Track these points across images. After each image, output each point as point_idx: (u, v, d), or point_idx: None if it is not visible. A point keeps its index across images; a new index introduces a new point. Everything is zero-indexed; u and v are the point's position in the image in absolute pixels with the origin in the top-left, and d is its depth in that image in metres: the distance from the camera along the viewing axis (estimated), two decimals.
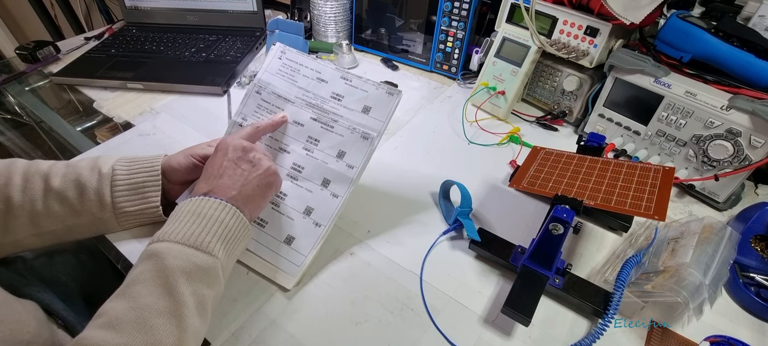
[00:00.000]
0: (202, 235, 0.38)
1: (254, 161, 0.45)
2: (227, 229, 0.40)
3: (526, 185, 0.55)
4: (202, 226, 0.39)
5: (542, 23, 0.70)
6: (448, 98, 0.82)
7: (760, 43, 0.56)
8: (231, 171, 0.44)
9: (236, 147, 0.45)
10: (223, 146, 0.46)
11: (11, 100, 0.82)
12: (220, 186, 0.43)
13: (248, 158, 0.45)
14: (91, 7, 1.66)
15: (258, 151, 0.47)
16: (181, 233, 0.38)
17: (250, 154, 0.46)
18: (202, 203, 0.40)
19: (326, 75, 0.51)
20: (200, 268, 0.37)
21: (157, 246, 0.37)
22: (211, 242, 0.38)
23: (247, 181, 0.44)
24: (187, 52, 0.87)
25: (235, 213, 0.42)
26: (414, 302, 0.46)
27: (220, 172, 0.44)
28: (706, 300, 0.41)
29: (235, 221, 0.41)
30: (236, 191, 0.43)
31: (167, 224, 0.39)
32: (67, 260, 0.54)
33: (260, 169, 0.45)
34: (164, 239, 0.37)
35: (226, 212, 0.41)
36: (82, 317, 0.47)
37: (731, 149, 0.54)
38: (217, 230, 0.39)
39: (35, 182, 0.45)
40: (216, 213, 0.40)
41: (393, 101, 0.49)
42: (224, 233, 0.40)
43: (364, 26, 0.95)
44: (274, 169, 0.47)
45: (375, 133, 0.48)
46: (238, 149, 0.45)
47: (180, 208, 0.40)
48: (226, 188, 0.43)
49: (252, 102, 0.53)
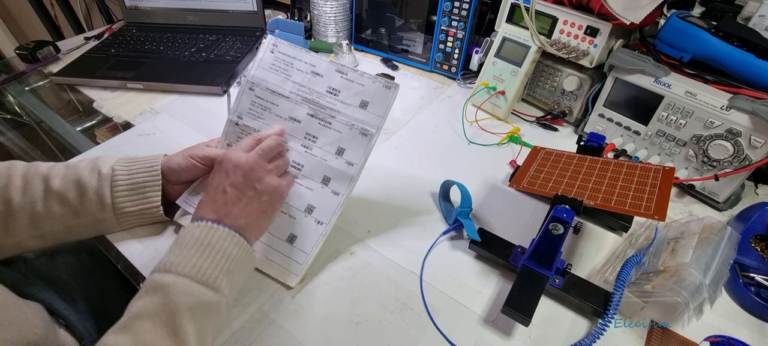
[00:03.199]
0: (210, 269, 0.37)
1: (259, 186, 0.44)
2: (234, 262, 0.40)
3: (526, 185, 0.55)
4: (210, 259, 0.38)
5: (542, 23, 0.70)
6: (448, 98, 0.82)
7: (760, 43, 0.56)
8: (235, 198, 0.42)
9: (238, 168, 0.44)
10: (225, 167, 0.44)
11: (11, 100, 0.82)
12: (228, 214, 0.42)
13: (252, 183, 0.43)
14: (91, 7, 1.66)
15: (260, 169, 0.45)
16: (188, 266, 0.37)
17: (254, 176, 0.44)
18: (210, 231, 0.39)
19: (321, 69, 0.50)
20: (206, 305, 0.36)
21: (164, 278, 0.36)
22: (218, 277, 0.38)
23: (252, 209, 0.43)
24: (187, 52, 0.87)
25: (243, 245, 0.41)
26: (414, 302, 0.46)
27: (225, 199, 0.42)
28: (706, 300, 0.41)
29: (241, 253, 0.41)
30: (243, 219, 0.42)
31: (173, 252, 0.38)
32: (68, 259, 0.54)
33: (265, 193, 0.44)
34: (171, 271, 0.36)
35: (233, 243, 0.40)
36: (83, 317, 0.47)
37: (731, 149, 0.54)
38: (224, 264, 0.39)
39: (35, 184, 0.45)
40: (224, 245, 0.39)
41: (391, 95, 0.48)
42: (231, 267, 0.39)
43: (364, 26, 0.95)
44: (281, 189, 0.46)
45: (374, 130, 0.48)
46: (240, 173, 0.43)
47: (186, 234, 0.39)
48: (234, 216, 0.42)
49: (246, 99, 0.52)
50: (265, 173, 0.45)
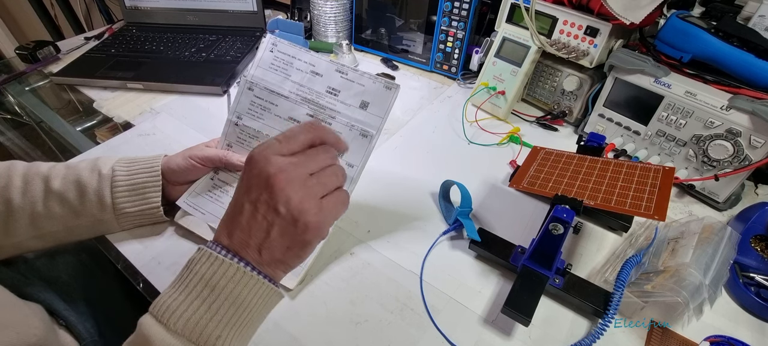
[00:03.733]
0: (211, 325, 0.31)
1: (285, 209, 0.31)
2: (246, 311, 0.32)
3: (526, 185, 0.55)
4: (215, 309, 0.31)
5: (542, 23, 0.70)
6: (448, 98, 0.82)
7: (760, 43, 0.56)
8: (256, 221, 0.32)
9: (261, 178, 0.31)
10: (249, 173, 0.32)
11: (11, 100, 0.82)
12: (245, 243, 0.32)
13: (276, 204, 0.31)
14: (91, 7, 1.66)
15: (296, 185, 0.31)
16: (185, 318, 0.30)
17: (284, 195, 0.31)
18: (219, 267, 0.31)
19: (321, 68, 0.50)
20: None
21: (152, 330, 0.30)
22: (221, 335, 0.31)
23: (269, 237, 0.32)
24: (187, 52, 0.87)
25: (260, 287, 0.32)
26: (414, 302, 0.46)
27: (244, 220, 0.32)
28: (706, 300, 0.41)
29: (257, 298, 0.33)
30: (257, 250, 0.32)
31: (173, 288, 0.32)
32: (68, 260, 0.54)
33: (293, 221, 0.31)
34: (163, 321, 0.30)
35: (248, 286, 0.32)
36: (83, 318, 0.48)
37: (731, 149, 0.54)
38: (232, 315, 0.31)
39: (35, 184, 0.45)
40: (235, 289, 0.31)
41: (391, 96, 0.47)
42: (241, 317, 0.32)
43: (364, 26, 0.95)
44: (320, 220, 0.32)
45: (374, 131, 0.47)
46: (263, 187, 0.31)
47: (194, 264, 0.32)
48: (253, 246, 0.32)
49: (245, 99, 0.51)
50: (301, 189, 0.31)
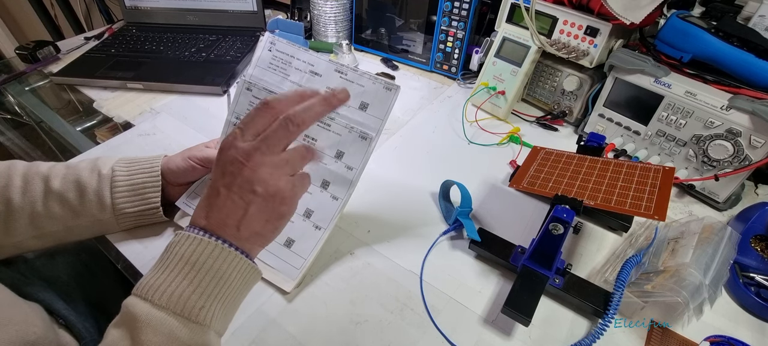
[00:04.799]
0: (194, 297, 0.31)
1: (260, 188, 0.34)
2: (227, 284, 0.33)
3: (526, 185, 0.55)
4: (196, 282, 0.32)
5: (542, 23, 0.70)
6: (448, 98, 0.82)
7: (760, 43, 0.56)
8: (231, 202, 0.34)
9: (232, 164, 0.34)
10: (221, 160, 0.35)
11: (11, 100, 0.82)
12: (222, 223, 0.34)
13: (251, 185, 0.33)
14: (91, 7, 1.66)
15: (264, 165, 0.34)
16: (168, 293, 0.31)
17: (255, 176, 0.34)
18: (198, 245, 0.33)
19: (320, 68, 0.49)
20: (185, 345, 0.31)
21: (137, 308, 0.30)
22: (204, 306, 0.32)
23: (253, 215, 0.34)
24: (187, 52, 0.87)
25: (239, 262, 0.34)
26: (414, 302, 0.46)
27: (220, 202, 0.34)
28: (706, 300, 0.41)
29: (237, 272, 0.34)
30: (243, 229, 0.34)
31: (156, 269, 0.33)
32: (68, 259, 0.54)
33: (268, 197, 0.34)
34: (148, 297, 0.31)
35: (227, 261, 0.33)
36: (83, 317, 0.47)
37: (731, 149, 0.54)
38: (213, 288, 0.33)
39: (35, 184, 0.45)
40: (215, 263, 0.33)
41: (391, 97, 0.47)
42: (223, 290, 0.33)
43: (364, 26, 0.95)
44: (289, 194, 0.35)
45: (373, 133, 0.47)
46: (235, 171, 0.34)
47: (173, 246, 0.33)
48: (229, 225, 0.34)
49: (243, 99, 0.51)
50: (269, 169, 0.34)
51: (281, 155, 0.35)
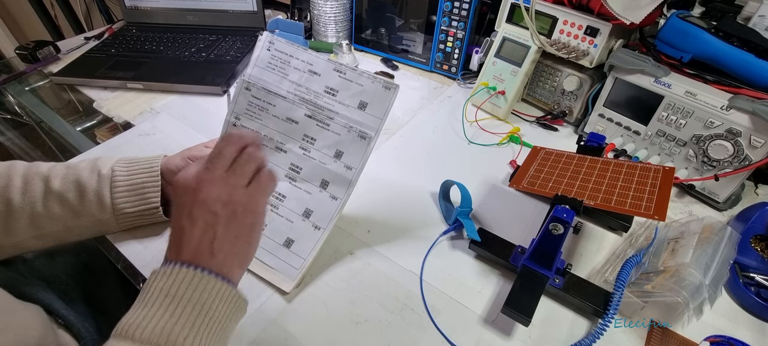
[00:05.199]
0: (176, 328, 0.30)
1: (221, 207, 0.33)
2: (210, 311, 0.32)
3: (526, 185, 0.55)
4: (177, 314, 0.31)
5: (542, 23, 0.70)
6: (448, 98, 0.82)
7: (760, 43, 0.56)
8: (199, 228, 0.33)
9: (187, 192, 0.34)
10: (177, 194, 0.34)
11: (11, 100, 0.82)
12: (195, 252, 0.33)
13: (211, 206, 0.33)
14: (91, 7, 1.66)
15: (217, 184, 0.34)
16: (150, 327, 0.30)
17: (212, 196, 0.33)
18: (172, 277, 0.32)
19: (319, 67, 0.49)
20: None
21: None
22: (188, 336, 0.30)
23: (223, 236, 0.33)
24: (187, 52, 0.87)
25: (218, 288, 0.33)
26: (414, 302, 0.46)
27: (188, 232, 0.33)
28: (706, 300, 0.41)
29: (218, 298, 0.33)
30: (209, 253, 0.33)
31: (135, 308, 0.31)
32: (68, 259, 0.54)
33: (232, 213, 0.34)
34: (129, 335, 0.29)
35: (206, 289, 0.32)
36: (82, 317, 0.47)
37: (731, 149, 0.54)
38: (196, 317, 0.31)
39: (35, 184, 0.45)
40: (193, 294, 0.32)
41: (390, 96, 0.46)
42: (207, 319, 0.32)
43: (364, 26, 0.95)
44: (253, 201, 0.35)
45: (372, 133, 0.47)
46: (192, 197, 0.33)
47: (149, 285, 0.32)
48: (202, 252, 0.33)
49: (242, 99, 0.51)
50: (220, 186, 0.34)
51: (229, 170, 0.35)
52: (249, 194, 0.35)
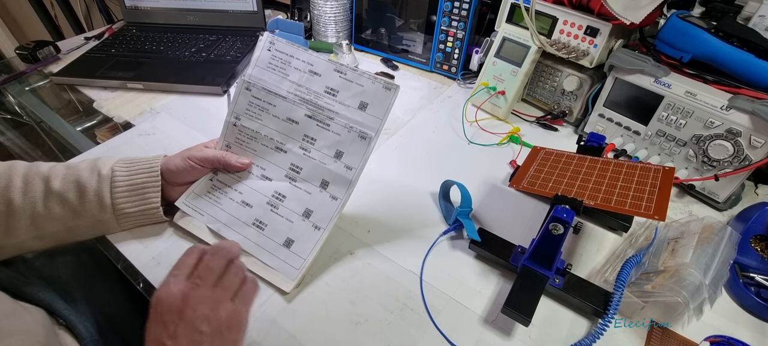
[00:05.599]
0: None
1: (207, 326, 0.32)
2: None
3: (526, 185, 0.55)
4: None
5: (542, 23, 0.70)
6: (448, 98, 0.82)
7: (760, 43, 0.56)
8: (174, 344, 0.31)
9: (172, 312, 0.32)
10: (159, 313, 0.32)
11: (11, 100, 0.82)
12: None
13: (197, 326, 0.32)
14: (91, 7, 1.66)
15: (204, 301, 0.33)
16: None
17: (198, 315, 0.32)
18: None
19: (319, 68, 0.49)
20: None
21: None
22: None
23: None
24: (187, 52, 0.87)
25: None
26: (414, 302, 0.46)
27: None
28: (706, 300, 0.41)
29: None
30: None
31: None
32: (68, 259, 0.54)
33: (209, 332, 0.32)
34: None
35: None
36: (83, 317, 0.47)
37: (731, 149, 0.54)
38: None
39: (36, 184, 0.45)
40: None
41: (390, 97, 0.46)
42: None
43: (364, 26, 0.95)
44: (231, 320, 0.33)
45: (373, 133, 0.47)
46: (176, 318, 0.32)
47: None
48: None
49: (243, 99, 0.51)
50: (209, 304, 0.33)
51: (217, 285, 0.34)
52: (235, 308, 0.34)
